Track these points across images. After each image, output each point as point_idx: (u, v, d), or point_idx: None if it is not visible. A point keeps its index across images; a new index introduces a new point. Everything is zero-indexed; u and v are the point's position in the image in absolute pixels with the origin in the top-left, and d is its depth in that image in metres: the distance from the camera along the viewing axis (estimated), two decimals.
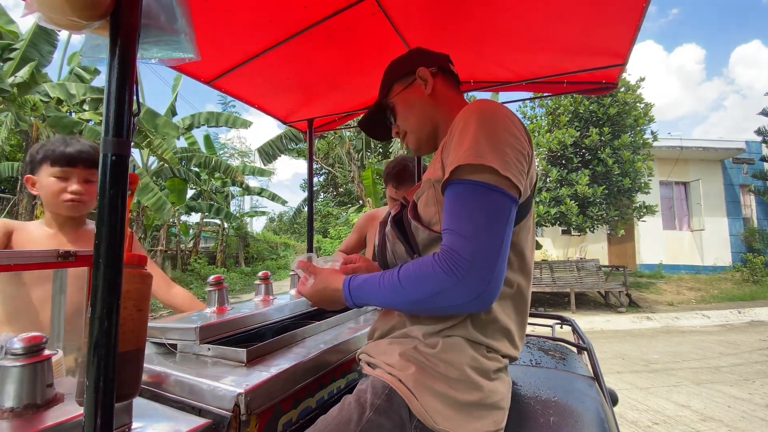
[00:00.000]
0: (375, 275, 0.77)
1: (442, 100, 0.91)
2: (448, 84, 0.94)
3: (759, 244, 11.87)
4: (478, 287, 0.63)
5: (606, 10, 1.22)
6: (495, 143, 0.68)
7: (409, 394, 0.72)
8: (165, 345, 1.01)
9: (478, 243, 0.64)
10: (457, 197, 0.68)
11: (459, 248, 0.64)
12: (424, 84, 0.91)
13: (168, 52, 0.63)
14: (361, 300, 0.78)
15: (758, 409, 3.31)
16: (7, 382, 0.61)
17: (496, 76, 1.79)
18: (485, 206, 0.66)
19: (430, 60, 0.94)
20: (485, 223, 0.65)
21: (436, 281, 0.65)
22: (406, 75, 0.93)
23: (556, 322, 1.72)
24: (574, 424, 0.84)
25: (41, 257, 0.77)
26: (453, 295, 0.64)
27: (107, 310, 0.48)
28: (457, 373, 0.72)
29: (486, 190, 0.66)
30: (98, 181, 1.25)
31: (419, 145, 0.96)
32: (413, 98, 0.92)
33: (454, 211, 0.68)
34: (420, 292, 0.67)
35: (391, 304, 0.74)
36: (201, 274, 11.93)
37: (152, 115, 7.58)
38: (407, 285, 0.69)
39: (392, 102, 0.96)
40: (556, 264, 9.30)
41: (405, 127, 0.95)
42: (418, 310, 0.72)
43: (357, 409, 0.72)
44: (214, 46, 1.36)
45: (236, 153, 19.88)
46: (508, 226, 0.66)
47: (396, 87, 0.95)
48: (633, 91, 9.04)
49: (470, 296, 0.64)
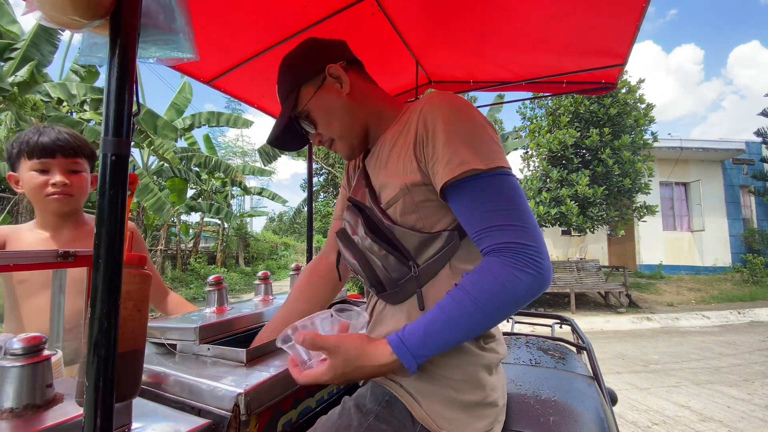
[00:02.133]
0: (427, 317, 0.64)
1: (364, 96, 0.83)
2: (361, 76, 0.85)
3: (759, 245, 11.87)
4: (549, 270, 0.61)
5: (605, 10, 1.22)
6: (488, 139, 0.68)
7: (411, 400, 0.71)
8: (165, 345, 1.01)
9: (532, 228, 0.62)
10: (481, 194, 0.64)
11: (522, 239, 0.61)
12: (339, 83, 0.81)
13: (166, 51, 0.63)
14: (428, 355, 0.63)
15: (758, 410, 3.30)
16: (7, 383, 0.61)
17: (495, 76, 1.79)
18: (514, 193, 0.65)
19: (333, 53, 0.83)
20: (524, 208, 0.64)
21: (521, 281, 0.60)
22: (313, 76, 0.81)
23: (555, 322, 1.72)
24: (574, 424, 0.84)
25: (41, 257, 0.77)
26: (536, 287, 0.61)
27: (107, 310, 0.48)
28: (460, 373, 0.71)
29: (502, 178, 0.65)
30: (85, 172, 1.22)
31: (352, 151, 0.88)
32: (330, 101, 0.81)
33: (487, 208, 0.63)
34: (508, 301, 0.61)
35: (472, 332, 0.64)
36: (201, 273, 11.93)
37: (152, 116, 7.58)
38: (489, 300, 0.61)
39: (306, 110, 0.83)
40: (556, 264, 9.30)
41: (330, 134, 0.84)
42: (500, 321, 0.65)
43: (357, 415, 0.71)
44: (214, 46, 1.36)
45: (240, 152, 19.89)
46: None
47: (305, 92, 0.82)
48: (633, 92, 9.05)
49: (547, 280, 0.61)
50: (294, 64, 0.84)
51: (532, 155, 9.94)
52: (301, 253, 19.66)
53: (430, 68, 1.79)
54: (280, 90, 0.87)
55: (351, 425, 0.69)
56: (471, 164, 0.64)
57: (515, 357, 1.26)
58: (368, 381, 0.79)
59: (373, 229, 0.77)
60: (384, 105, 0.85)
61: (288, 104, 0.83)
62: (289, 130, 0.88)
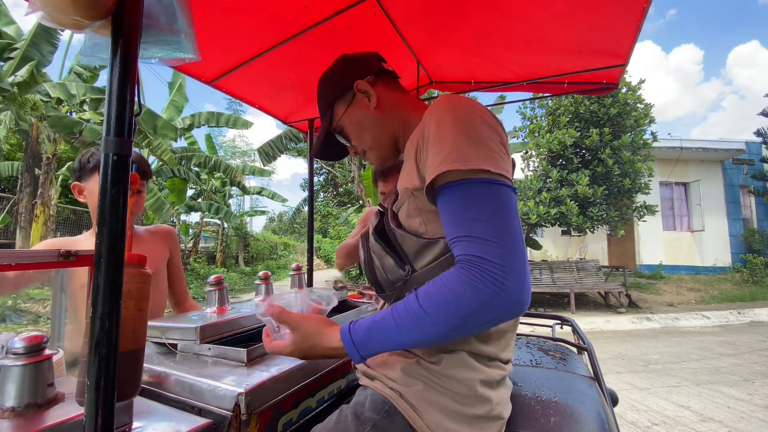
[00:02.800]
0: (381, 315, 0.64)
1: (392, 107, 0.85)
2: (390, 86, 0.88)
3: (759, 245, 11.87)
4: (517, 292, 0.57)
5: (606, 11, 1.22)
6: (478, 141, 0.63)
7: (412, 411, 0.70)
8: (165, 345, 1.01)
9: (504, 244, 0.57)
10: (460, 200, 0.61)
11: (486, 254, 0.57)
12: (368, 97, 0.84)
13: (168, 52, 0.63)
14: (372, 351, 0.64)
15: (758, 410, 3.30)
16: (8, 382, 0.62)
17: (496, 76, 1.79)
18: (495, 203, 0.60)
19: (362, 68, 0.87)
20: (503, 221, 0.59)
21: (473, 298, 0.56)
22: (344, 93, 0.86)
23: (556, 322, 1.72)
24: (575, 425, 0.84)
25: (42, 257, 0.77)
26: (494, 307, 0.56)
27: (108, 309, 0.48)
28: (465, 388, 0.70)
29: (489, 186, 0.61)
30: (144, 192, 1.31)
31: (382, 160, 0.91)
32: (360, 116, 0.85)
33: (463, 216, 0.60)
34: (457, 316, 0.57)
35: (418, 341, 0.61)
36: (201, 273, 11.93)
37: (151, 116, 7.57)
38: (437, 312, 0.58)
39: (340, 125, 0.88)
40: (556, 264, 9.30)
41: (362, 146, 0.89)
42: (453, 336, 0.60)
43: (354, 422, 0.70)
44: (215, 46, 1.36)
45: (239, 153, 19.90)
46: (518, 219, 0.62)
47: (338, 109, 0.87)
48: (634, 92, 9.05)
49: (511, 304, 0.57)
50: (327, 83, 0.90)
51: (532, 155, 9.94)
52: (302, 253, 19.65)
53: (431, 68, 1.79)
54: (319, 107, 0.92)
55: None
56: (449, 165, 0.61)
57: (515, 357, 1.26)
58: (368, 387, 0.78)
59: (380, 231, 0.80)
60: (410, 113, 0.85)
61: (325, 121, 0.89)
62: (330, 142, 0.94)
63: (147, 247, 1.43)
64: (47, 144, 7.66)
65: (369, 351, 0.64)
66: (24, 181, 7.66)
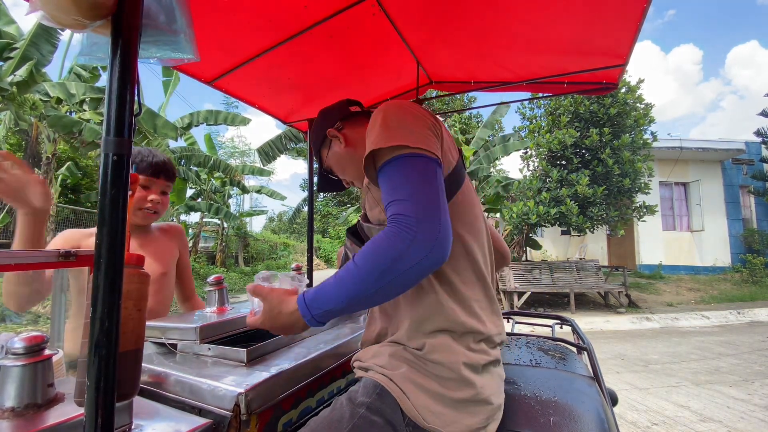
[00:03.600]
0: (326, 279, 0.72)
1: (359, 142, 0.98)
2: (356, 124, 1.03)
3: (758, 245, 11.88)
4: (431, 237, 0.64)
5: (606, 11, 1.22)
6: (399, 125, 0.73)
7: (401, 393, 0.73)
8: (165, 345, 1.01)
9: (417, 199, 0.66)
10: (387, 176, 0.71)
11: (402, 210, 0.66)
12: (339, 140, 1.01)
13: (167, 52, 0.63)
14: (322, 310, 0.70)
15: (757, 410, 3.31)
16: (8, 382, 0.61)
17: (496, 76, 1.79)
18: (412, 170, 0.69)
19: (331, 118, 1.04)
20: (417, 182, 0.68)
21: (391, 246, 0.64)
22: (323, 140, 1.04)
23: (555, 322, 1.72)
24: (574, 425, 0.84)
25: (42, 257, 0.77)
26: (411, 253, 0.64)
27: (108, 310, 0.48)
28: (448, 371, 0.73)
29: (408, 158, 0.70)
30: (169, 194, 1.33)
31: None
32: (338, 156, 1.02)
33: (388, 187, 0.71)
34: (380, 264, 0.65)
35: (355, 294, 0.68)
36: (201, 273, 11.93)
37: (151, 115, 7.57)
38: (364, 264, 0.66)
39: (327, 165, 1.07)
40: (556, 264, 9.30)
41: (348, 178, 1.07)
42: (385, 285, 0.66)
43: (348, 407, 0.73)
44: (215, 46, 1.36)
45: (237, 152, 19.90)
46: (438, 182, 0.70)
47: (323, 153, 1.06)
48: (633, 92, 9.05)
49: (427, 248, 0.64)
50: (312, 135, 1.10)
51: (532, 155, 9.95)
52: (301, 253, 19.65)
53: (431, 68, 1.79)
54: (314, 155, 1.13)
55: (343, 417, 0.72)
56: (374, 145, 0.71)
57: (515, 357, 1.26)
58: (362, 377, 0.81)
59: (353, 230, 0.90)
60: None
61: (319, 165, 1.11)
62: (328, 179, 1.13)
63: (160, 247, 1.42)
64: (47, 144, 7.66)
65: (318, 309, 0.70)
66: None
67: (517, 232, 9.64)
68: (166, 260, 1.44)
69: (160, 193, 1.35)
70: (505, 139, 10.84)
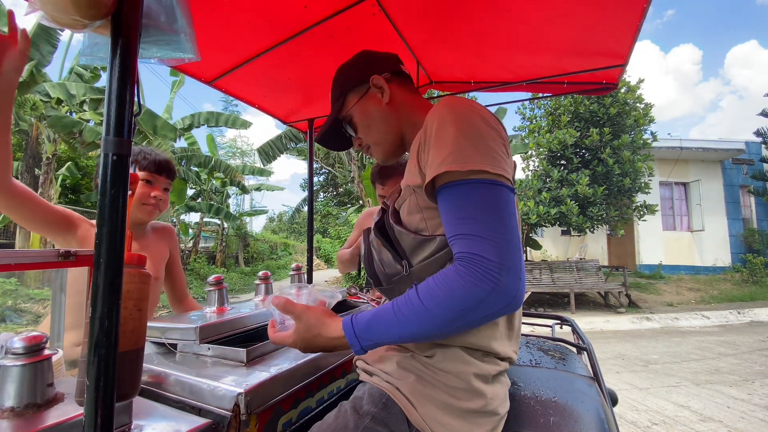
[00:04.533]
0: (383, 308, 0.66)
1: (403, 107, 0.87)
2: (404, 87, 0.90)
3: (758, 245, 11.88)
4: (513, 288, 0.58)
5: (606, 11, 1.22)
6: (478, 142, 0.65)
7: (408, 403, 0.71)
8: (165, 345, 1.01)
9: (500, 242, 0.59)
10: (459, 200, 0.63)
11: (483, 251, 0.59)
12: (381, 93, 0.86)
13: (167, 52, 0.63)
14: (373, 342, 0.66)
15: (757, 410, 3.31)
16: (8, 382, 0.61)
17: (496, 76, 1.79)
18: (493, 203, 0.62)
19: (380, 65, 0.89)
20: (500, 220, 0.61)
21: (470, 293, 0.58)
22: (359, 84, 0.88)
23: (555, 322, 1.72)
24: (574, 424, 0.84)
25: (42, 257, 0.77)
26: (491, 303, 0.58)
27: (108, 309, 0.48)
28: (459, 381, 0.70)
29: (488, 186, 0.62)
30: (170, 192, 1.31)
31: (386, 156, 0.92)
32: (371, 109, 0.87)
33: (461, 215, 0.62)
34: (454, 311, 0.59)
35: (418, 334, 0.63)
36: (201, 273, 11.93)
37: (151, 116, 7.58)
38: (435, 306, 0.60)
39: (349, 115, 0.90)
40: (556, 264, 9.30)
41: (368, 140, 0.91)
42: (451, 330, 0.62)
43: (353, 416, 0.71)
44: (215, 46, 1.36)
45: (238, 152, 19.93)
46: (515, 218, 0.64)
47: (350, 98, 0.89)
48: (633, 92, 9.05)
49: (507, 299, 0.59)
50: (345, 73, 0.91)
51: (532, 155, 9.95)
52: (301, 253, 19.65)
53: (431, 68, 1.79)
54: (332, 95, 0.93)
55: (347, 426, 0.69)
56: (448, 166, 0.63)
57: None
58: (366, 382, 0.78)
59: (380, 227, 0.83)
60: (420, 114, 0.86)
61: (335, 108, 0.92)
62: (335, 131, 0.95)
63: (155, 250, 1.43)
64: (47, 144, 7.66)
65: (370, 341, 0.65)
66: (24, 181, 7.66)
67: None
68: (158, 263, 1.45)
69: (163, 190, 1.37)
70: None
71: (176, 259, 1.57)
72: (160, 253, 1.46)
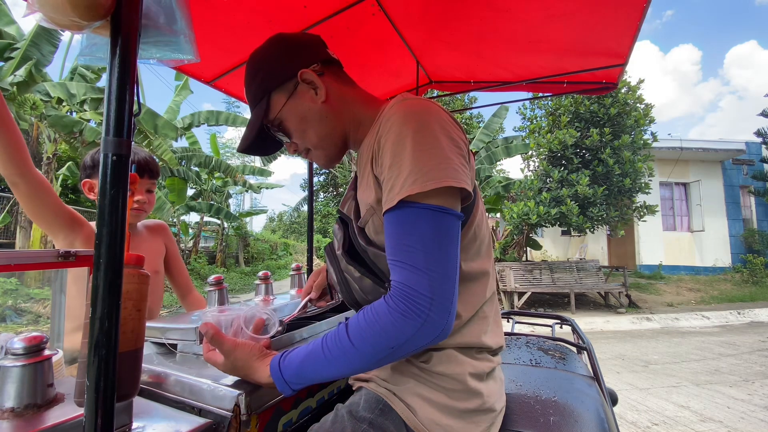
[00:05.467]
0: (313, 347, 0.65)
1: (342, 102, 0.77)
2: (338, 78, 0.78)
3: (759, 245, 11.87)
4: (442, 321, 0.58)
5: (606, 10, 1.22)
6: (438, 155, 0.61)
7: (405, 408, 0.70)
8: (165, 345, 1.01)
9: (436, 275, 0.58)
10: (402, 224, 0.60)
11: (417, 284, 0.57)
12: (314, 89, 0.75)
13: (167, 52, 0.63)
14: (303, 384, 0.66)
15: (757, 410, 3.30)
16: (8, 382, 0.61)
17: (496, 76, 1.79)
18: (434, 232, 0.59)
19: (307, 55, 0.76)
20: (440, 249, 0.59)
21: (400, 331, 0.57)
22: (285, 81, 0.75)
23: (556, 322, 1.72)
24: (574, 425, 0.84)
25: (41, 257, 0.77)
26: (419, 338, 0.58)
27: (107, 310, 0.48)
28: (455, 383, 0.70)
29: (434, 214, 0.59)
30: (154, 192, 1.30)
31: (329, 161, 0.83)
32: (305, 110, 0.75)
33: (405, 241, 0.60)
34: (383, 349, 0.59)
35: (346, 372, 0.63)
36: (201, 273, 11.93)
37: (152, 115, 7.58)
38: (363, 344, 0.60)
39: (278, 119, 0.77)
40: (556, 265, 9.30)
41: (305, 144, 0.79)
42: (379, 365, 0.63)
43: (350, 422, 0.70)
44: (215, 46, 1.36)
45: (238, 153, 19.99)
46: (457, 247, 0.62)
47: (276, 99, 0.76)
48: (634, 92, 9.05)
49: (436, 333, 0.58)
50: (264, 67, 0.77)
51: (532, 155, 9.94)
52: (302, 252, 19.65)
53: (430, 68, 1.79)
54: (248, 93, 0.79)
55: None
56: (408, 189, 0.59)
57: (515, 357, 1.26)
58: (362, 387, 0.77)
59: (350, 250, 0.76)
60: (363, 109, 0.79)
61: (258, 111, 0.77)
62: (261, 135, 0.81)
63: (147, 246, 1.44)
64: (47, 144, 7.66)
65: (299, 384, 0.66)
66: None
67: (517, 232, 9.63)
68: (155, 259, 1.46)
69: (146, 191, 1.33)
70: (507, 141, 10.87)
71: (175, 253, 1.57)
72: (155, 249, 1.47)
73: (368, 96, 0.82)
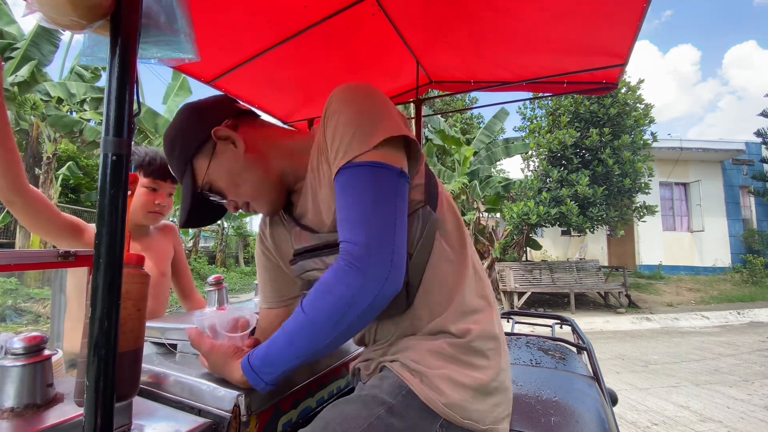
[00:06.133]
0: (277, 333, 0.65)
1: (264, 143, 0.77)
2: (254, 124, 0.79)
3: (758, 245, 11.87)
4: (383, 271, 0.57)
5: (606, 10, 1.22)
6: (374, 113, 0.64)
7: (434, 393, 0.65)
8: (165, 345, 1.01)
9: (370, 226, 0.58)
10: (342, 187, 0.62)
11: (353, 238, 0.58)
12: (232, 143, 0.74)
13: (167, 52, 0.63)
14: (275, 373, 0.65)
15: (757, 410, 3.31)
16: (7, 382, 0.61)
17: (496, 76, 1.79)
18: (370, 185, 0.60)
19: (215, 115, 0.76)
20: (373, 202, 0.59)
21: (344, 286, 0.57)
22: (201, 145, 0.74)
23: (555, 322, 1.72)
24: (575, 424, 0.84)
25: (41, 257, 0.77)
26: (365, 292, 0.57)
27: (107, 310, 0.48)
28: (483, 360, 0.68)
29: (370, 169, 0.60)
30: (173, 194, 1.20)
31: (272, 205, 0.80)
32: (230, 165, 0.74)
33: (342, 204, 0.62)
34: (334, 312, 0.58)
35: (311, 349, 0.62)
36: (201, 273, 11.92)
37: (152, 115, 7.58)
38: (315, 312, 0.60)
39: (207, 182, 0.76)
40: (556, 265, 9.30)
41: (242, 198, 0.78)
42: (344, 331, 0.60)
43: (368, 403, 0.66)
44: (215, 46, 1.36)
45: None
46: (398, 200, 0.62)
47: (199, 165, 0.75)
48: (633, 92, 9.05)
49: (379, 284, 0.57)
50: (177, 138, 0.76)
51: (532, 155, 9.95)
52: None
53: (430, 68, 1.79)
54: (172, 167, 0.78)
55: (360, 415, 0.64)
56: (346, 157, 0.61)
57: (515, 357, 1.26)
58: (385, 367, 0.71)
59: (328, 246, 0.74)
60: (290, 140, 0.80)
61: (187, 181, 0.76)
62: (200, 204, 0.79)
63: (158, 248, 1.44)
64: (47, 143, 7.66)
65: (271, 374, 0.65)
66: None
67: (517, 232, 9.63)
68: (164, 261, 1.46)
69: (167, 195, 1.37)
70: (507, 142, 10.87)
71: (181, 255, 1.58)
72: (165, 251, 1.48)
73: (289, 129, 0.85)
